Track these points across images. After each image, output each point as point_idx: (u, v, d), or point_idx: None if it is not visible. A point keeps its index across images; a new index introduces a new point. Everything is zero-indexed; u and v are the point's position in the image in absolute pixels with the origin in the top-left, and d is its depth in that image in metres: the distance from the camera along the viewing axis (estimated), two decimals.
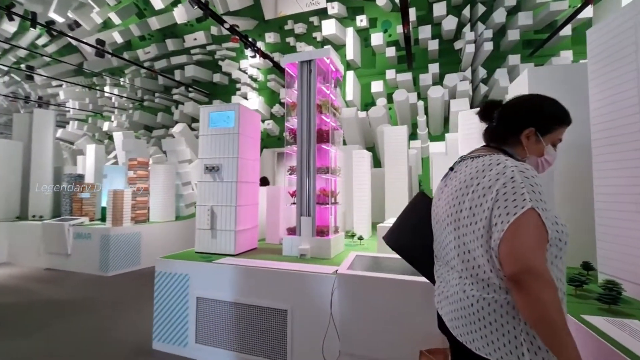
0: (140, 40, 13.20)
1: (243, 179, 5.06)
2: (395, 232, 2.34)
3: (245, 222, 5.13)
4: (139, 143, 9.44)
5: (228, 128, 4.99)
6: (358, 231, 6.30)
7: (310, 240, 4.78)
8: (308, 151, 4.92)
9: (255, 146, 5.50)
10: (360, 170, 6.42)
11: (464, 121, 5.37)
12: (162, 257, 4.62)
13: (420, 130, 9.59)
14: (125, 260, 7.84)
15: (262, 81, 12.20)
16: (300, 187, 4.92)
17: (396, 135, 7.08)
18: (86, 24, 12.56)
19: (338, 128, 5.34)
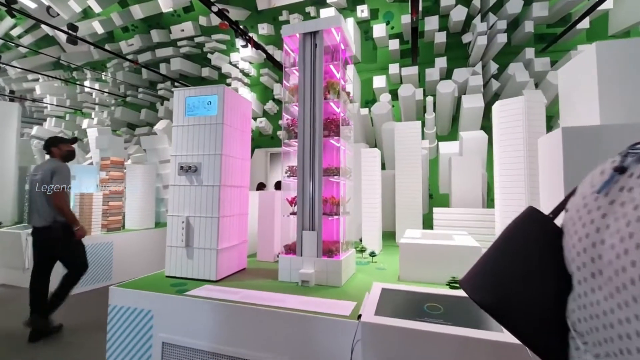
0: (123, 32, 11.84)
1: (228, 182, 3.83)
2: (486, 278, 1.18)
3: (230, 238, 3.89)
4: (114, 140, 8.11)
5: (210, 117, 3.76)
6: (368, 245, 5.11)
7: (315, 263, 3.57)
8: (312, 147, 3.71)
9: (245, 141, 4.27)
10: (370, 172, 5.23)
11: (500, 112, 4.23)
12: (118, 285, 3.36)
13: (427, 129, 8.46)
14: (93, 276, 6.50)
15: (255, 76, 10.97)
16: (302, 193, 3.71)
17: (409, 132, 5.91)
18: (64, 13, 11.15)
19: (349, 120, 4.15)
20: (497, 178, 4.21)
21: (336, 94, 3.76)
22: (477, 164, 5.65)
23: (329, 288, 3.41)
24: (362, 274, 4.04)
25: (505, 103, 4.17)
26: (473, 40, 8.77)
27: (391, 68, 9.31)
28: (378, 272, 4.09)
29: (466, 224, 5.05)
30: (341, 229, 3.77)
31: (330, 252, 3.59)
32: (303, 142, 3.73)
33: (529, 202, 3.89)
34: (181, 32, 10.81)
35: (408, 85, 8.39)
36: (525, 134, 3.95)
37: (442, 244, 3.63)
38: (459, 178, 5.67)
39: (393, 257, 4.92)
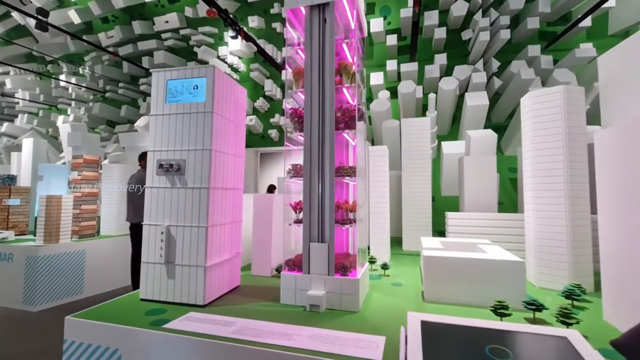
0: (102, 23, 10.87)
1: (219, 184, 3.09)
2: None
3: (221, 251, 3.15)
4: (89, 137, 7.20)
5: (196, 104, 3.01)
6: (377, 254, 4.43)
7: (326, 282, 2.86)
8: (321, 141, 3.01)
9: (239, 135, 3.53)
10: (378, 172, 4.56)
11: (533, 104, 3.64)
12: (75, 315, 2.57)
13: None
14: (60, 289, 5.60)
15: (244, 72, 10.19)
16: (309, 197, 3.00)
17: (418, 129, 5.29)
18: (37, 0, 10.12)
19: (363, 110, 3.47)
20: (530, 179, 3.61)
21: (350, 78, 3.08)
22: (492, 165, 5.06)
23: (345, 314, 2.71)
24: (377, 291, 3.35)
25: (539, 94, 3.57)
26: (474, 37, 8.25)
27: (389, 64, 8.70)
28: (395, 290, 3.41)
29: (486, 230, 4.44)
30: (356, 239, 3.08)
31: (345, 269, 2.90)
32: (310, 135, 3.03)
33: (570, 205, 3.30)
34: (165, 23, 9.93)
35: (408, 82, 7.79)
36: (564, 129, 3.36)
37: (478, 258, 2.99)
38: (472, 180, 5.07)
39: (406, 269, 4.26)
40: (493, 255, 3.08)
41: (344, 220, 3.04)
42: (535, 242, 3.53)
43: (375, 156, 4.57)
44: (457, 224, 4.66)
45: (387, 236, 4.55)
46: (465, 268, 2.98)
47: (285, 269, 3.07)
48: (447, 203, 7.24)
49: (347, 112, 3.05)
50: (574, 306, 2.93)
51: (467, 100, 7.27)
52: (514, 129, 7.68)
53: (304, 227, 2.98)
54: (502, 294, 2.81)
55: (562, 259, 3.32)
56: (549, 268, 3.40)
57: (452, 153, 6.94)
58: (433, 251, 3.27)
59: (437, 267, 3.06)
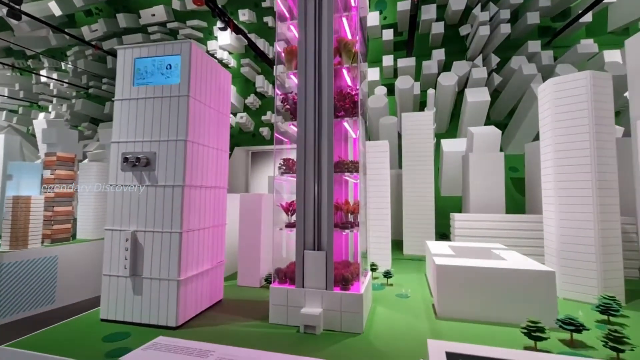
0: (85, 15, 10.25)
1: (197, 182, 2.58)
2: None
3: (200, 261, 2.63)
4: (66, 133, 6.60)
5: (169, 87, 2.50)
6: (377, 260, 3.96)
7: (324, 298, 2.38)
8: (318, 131, 2.53)
9: (223, 126, 3.02)
10: (378, 170, 4.09)
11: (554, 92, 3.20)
12: (11, 344, 2.04)
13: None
14: (28, 300, 5.00)
15: (235, 67, 9.65)
16: (304, 197, 2.51)
17: (419, 123, 4.84)
18: None
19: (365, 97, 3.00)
20: (551, 177, 3.17)
21: (351, 58, 2.60)
22: (499, 163, 4.64)
23: (346, 337, 2.22)
24: (382, 305, 2.87)
25: (561, 80, 3.14)
26: (473, 32, 7.86)
27: (385, 60, 8.27)
28: (402, 303, 2.94)
29: (496, 233, 4.00)
30: (359, 246, 2.60)
31: (345, 282, 2.41)
32: (305, 124, 2.54)
33: (598, 205, 2.87)
34: (152, 16, 9.34)
35: (406, 77, 7.36)
36: (591, 119, 2.93)
37: (500, 268, 2.53)
38: (478, 179, 4.64)
39: (410, 277, 3.79)
40: (517, 263, 2.63)
41: (344, 223, 2.56)
42: (558, 248, 3.09)
43: (375, 152, 4.10)
44: (464, 226, 4.21)
45: (389, 240, 4.08)
46: (485, 279, 2.52)
47: (275, 281, 2.58)
48: (448, 203, 6.81)
49: (347, 97, 2.57)
50: (610, 322, 2.50)
51: (468, 97, 6.85)
52: (514, 126, 7.30)
53: (297, 232, 2.49)
54: (529, 309, 2.36)
55: (591, 267, 2.89)
56: (575, 277, 2.96)
57: (452, 151, 6.51)
58: (445, 259, 2.81)
59: (452, 278, 2.59)
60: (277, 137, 2.74)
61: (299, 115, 2.56)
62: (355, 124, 2.66)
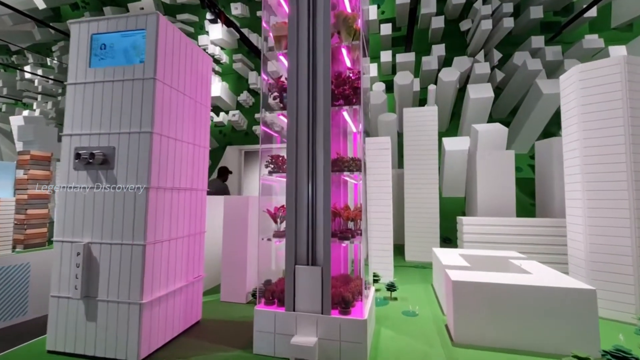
0: (71, 9, 9.72)
1: (167, 183, 2.12)
2: None
3: (171, 278, 2.17)
4: (44, 130, 6.09)
5: (132, 68, 2.04)
6: (379, 269, 3.52)
7: (319, 324, 1.93)
8: (313, 122, 2.08)
9: (201, 117, 2.55)
10: (379, 168, 3.66)
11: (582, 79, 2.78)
12: None
13: None
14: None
15: (227, 63, 9.17)
16: (295, 201, 2.07)
17: (423, 119, 4.41)
18: None
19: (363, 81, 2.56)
20: (579, 176, 2.74)
21: (351, 35, 2.16)
22: (509, 161, 4.23)
23: None
24: (387, 326, 2.43)
25: (589, 67, 2.72)
26: (474, 26, 7.46)
27: (383, 56, 7.84)
28: (410, 323, 2.50)
29: (509, 239, 3.58)
30: (362, 259, 2.15)
31: (346, 303, 1.97)
32: (296, 114, 2.09)
33: (635, 209, 2.45)
34: (140, 10, 8.84)
35: (405, 73, 6.93)
36: (626, 110, 2.51)
37: (531, 285, 2.10)
38: (486, 179, 4.23)
39: (416, 288, 3.36)
40: (547, 279, 2.20)
41: (344, 232, 2.11)
42: (587, 258, 2.66)
43: (376, 149, 3.67)
44: (474, 231, 3.79)
45: (391, 246, 3.64)
46: (512, 298, 2.08)
47: (261, 302, 2.12)
48: (450, 205, 6.40)
49: (347, 82, 2.12)
50: None
51: (470, 93, 6.44)
52: (518, 125, 6.89)
53: (288, 242, 2.04)
54: (565, 335, 1.93)
55: (628, 280, 2.46)
56: (608, 292, 2.54)
57: (455, 150, 6.09)
58: (460, 273, 2.37)
59: (471, 297, 2.16)
60: (264, 130, 2.29)
61: (289, 103, 2.11)
62: (356, 114, 2.22)
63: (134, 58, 2.03)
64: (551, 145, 4.18)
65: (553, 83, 6.07)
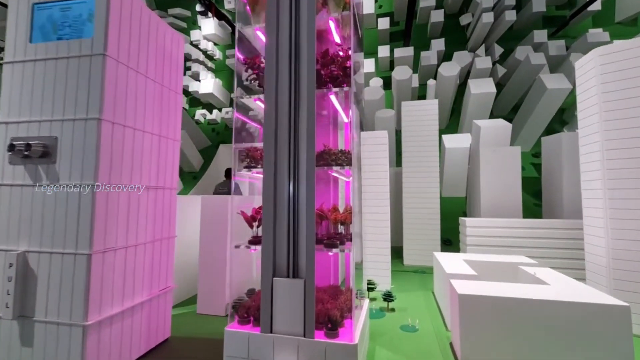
0: None
1: (122, 179, 1.77)
2: None
3: (127, 293, 1.81)
4: None
5: (78, 43, 1.70)
6: (375, 275, 3.18)
7: (302, 348, 1.59)
8: (295, 109, 1.74)
9: (169, 105, 2.20)
10: (376, 165, 3.32)
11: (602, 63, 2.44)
12: None
13: None
14: None
15: (220, 59, 8.83)
16: (274, 201, 1.72)
17: (423, 113, 4.08)
18: None
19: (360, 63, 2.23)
20: (598, 173, 2.41)
21: (340, 5, 1.82)
22: (516, 158, 3.90)
23: None
24: (382, 344, 2.09)
25: (612, 50, 2.38)
26: (475, 20, 7.14)
27: (380, 51, 7.51)
28: (409, 340, 2.16)
29: (517, 242, 3.25)
30: (352, 270, 1.81)
31: (333, 323, 1.63)
32: (275, 98, 1.75)
33: None
34: None
35: (403, 68, 6.59)
36: None
37: (551, 300, 1.76)
38: (490, 177, 3.89)
39: (415, 296, 3.02)
40: (569, 292, 1.86)
41: (332, 238, 1.77)
42: (609, 265, 2.33)
43: (372, 145, 3.33)
44: (478, 233, 3.45)
45: (388, 251, 3.30)
46: (529, 315, 1.75)
47: (234, 321, 1.78)
48: (450, 206, 6.06)
49: (335, 61, 1.78)
50: None
51: (472, 88, 6.10)
52: (520, 121, 6.56)
53: (264, 250, 1.70)
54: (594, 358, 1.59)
55: None
56: (635, 304, 2.21)
57: (455, 147, 5.75)
58: (467, 284, 2.03)
59: (481, 313, 1.82)
60: (237, 117, 1.95)
61: (267, 85, 1.76)
62: (347, 100, 1.88)
63: (82, 31, 1.69)
64: (560, 140, 3.85)
65: (557, 78, 5.75)
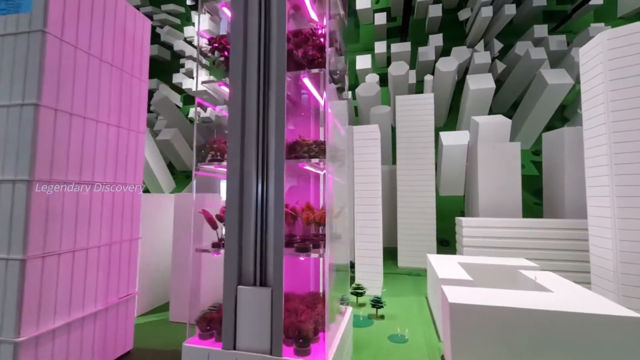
0: None
1: (68, 175, 1.55)
2: None
3: (75, 302, 1.59)
4: None
5: (15, 18, 1.49)
6: (365, 278, 2.96)
7: None
8: (264, 93, 1.52)
9: (130, 92, 1.98)
10: (366, 161, 3.10)
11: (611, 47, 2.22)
12: None
13: None
14: None
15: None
16: (238, 200, 1.51)
17: (417, 108, 3.86)
18: None
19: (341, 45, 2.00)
20: (605, 168, 2.18)
21: None
22: (515, 154, 3.67)
23: None
24: (368, 356, 1.87)
25: (622, 33, 2.15)
26: (474, 14, 6.91)
27: (377, 47, 7.28)
28: (397, 352, 1.93)
29: (515, 243, 3.02)
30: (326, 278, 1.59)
31: (305, 339, 1.41)
32: (242, 81, 1.54)
33: None
34: None
35: (400, 63, 6.36)
36: None
37: (556, 311, 1.53)
38: (489, 175, 3.66)
39: (407, 301, 2.79)
40: (578, 301, 1.63)
41: (307, 240, 1.55)
42: (617, 269, 2.10)
43: (363, 139, 3.10)
44: (475, 234, 3.23)
45: (379, 253, 3.07)
46: (531, 327, 1.53)
47: (195, 334, 1.56)
48: (448, 205, 5.84)
49: (309, 39, 1.56)
50: None
51: (470, 84, 5.87)
52: (520, 118, 6.32)
53: (227, 255, 1.48)
54: None
55: None
56: None
57: (453, 145, 5.52)
58: (460, 291, 1.81)
59: (476, 324, 1.60)
60: (200, 103, 1.74)
61: (232, 67, 1.55)
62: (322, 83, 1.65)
63: (19, 5, 1.48)
64: (562, 135, 3.62)
65: (558, 73, 5.51)
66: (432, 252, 3.88)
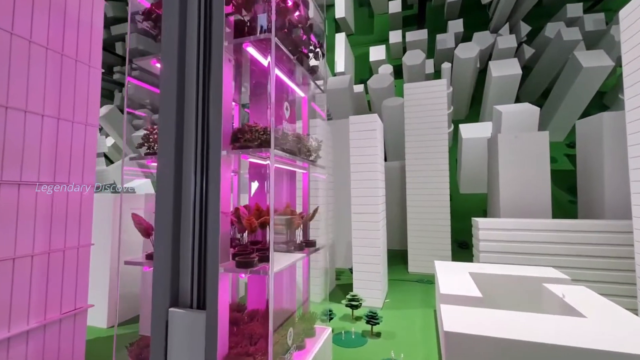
0: None
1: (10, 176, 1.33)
2: None
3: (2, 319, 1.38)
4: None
5: None
6: (365, 288, 2.60)
7: None
8: (204, 70, 1.22)
9: (76, 81, 1.74)
10: (364, 155, 2.72)
11: None
12: None
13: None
14: None
15: None
16: (171, 202, 1.21)
17: (429, 96, 3.43)
18: None
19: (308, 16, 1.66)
20: None
21: None
22: (543, 145, 3.16)
23: None
24: None
25: None
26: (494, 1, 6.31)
27: (392, 36, 6.83)
28: None
29: (542, 248, 2.54)
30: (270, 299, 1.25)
31: None
32: (177, 55, 1.24)
33: None
34: None
35: (416, 52, 5.88)
36: None
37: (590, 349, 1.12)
38: (511, 169, 3.18)
39: (410, 314, 2.40)
40: (619, 333, 1.20)
41: (262, 253, 1.23)
42: None
43: (360, 130, 2.73)
44: (493, 237, 2.77)
45: (380, 258, 2.69)
46: None
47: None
48: (469, 203, 5.31)
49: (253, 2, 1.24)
50: None
51: (493, 70, 5.30)
52: (551, 108, 5.64)
53: (156, 270, 1.19)
54: None
55: None
56: None
57: (474, 137, 5.01)
58: (461, 312, 1.41)
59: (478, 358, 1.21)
60: (131, 81, 1.46)
61: (165, 37, 1.26)
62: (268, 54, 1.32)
63: None
64: (601, 122, 3.06)
65: (596, 54, 4.82)
66: (447, 257, 3.44)
